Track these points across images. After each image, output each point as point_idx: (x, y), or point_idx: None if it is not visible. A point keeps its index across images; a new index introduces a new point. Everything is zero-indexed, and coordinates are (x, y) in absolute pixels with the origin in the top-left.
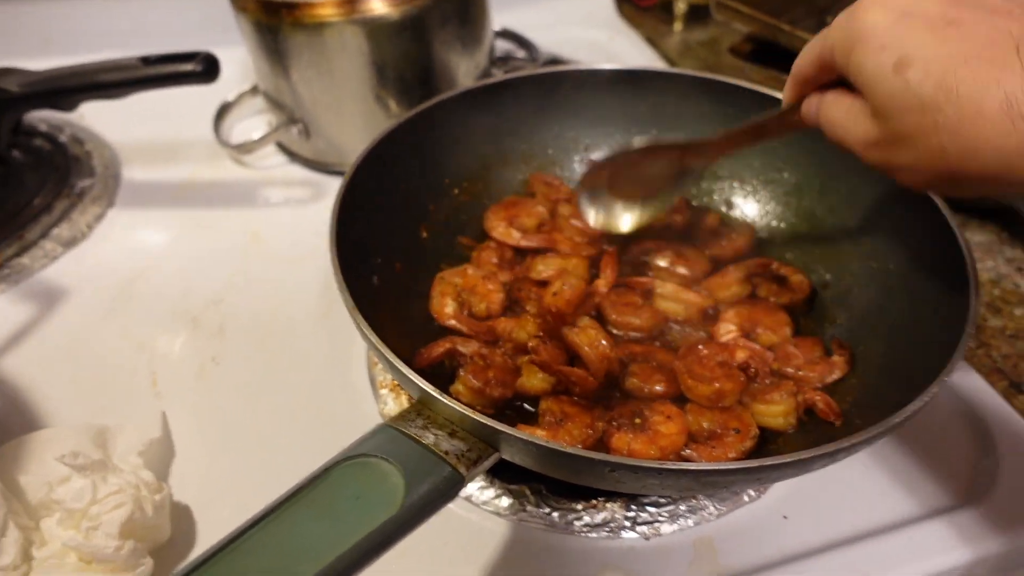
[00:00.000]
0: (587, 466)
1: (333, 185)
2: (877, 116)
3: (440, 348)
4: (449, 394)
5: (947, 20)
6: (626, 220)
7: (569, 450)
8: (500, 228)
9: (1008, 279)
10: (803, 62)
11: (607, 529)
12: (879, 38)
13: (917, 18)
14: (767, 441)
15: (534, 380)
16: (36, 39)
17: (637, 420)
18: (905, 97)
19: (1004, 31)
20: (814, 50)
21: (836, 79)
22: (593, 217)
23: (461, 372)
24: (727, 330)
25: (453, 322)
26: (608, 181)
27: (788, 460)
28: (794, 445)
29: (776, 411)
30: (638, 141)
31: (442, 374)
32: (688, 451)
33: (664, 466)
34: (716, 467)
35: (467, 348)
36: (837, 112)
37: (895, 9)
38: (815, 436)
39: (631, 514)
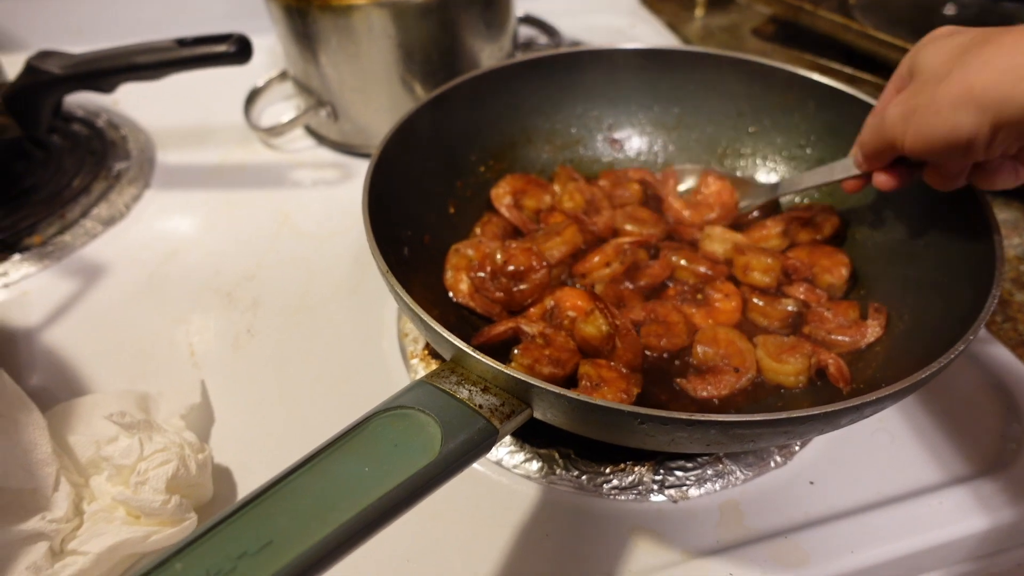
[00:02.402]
0: (617, 419)
1: (360, 167)
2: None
3: (502, 327)
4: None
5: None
6: None
7: (599, 402)
8: (506, 200)
9: None
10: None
11: (635, 492)
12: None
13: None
14: (772, 398)
15: (590, 327)
16: (68, 29)
17: (699, 296)
18: (948, 49)
19: None
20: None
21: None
22: None
23: (516, 350)
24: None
25: (466, 300)
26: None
27: (816, 413)
28: (799, 404)
29: (789, 370)
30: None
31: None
32: (683, 380)
33: (693, 417)
34: (744, 419)
35: (532, 328)
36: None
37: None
38: (823, 399)
39: (659, 477)
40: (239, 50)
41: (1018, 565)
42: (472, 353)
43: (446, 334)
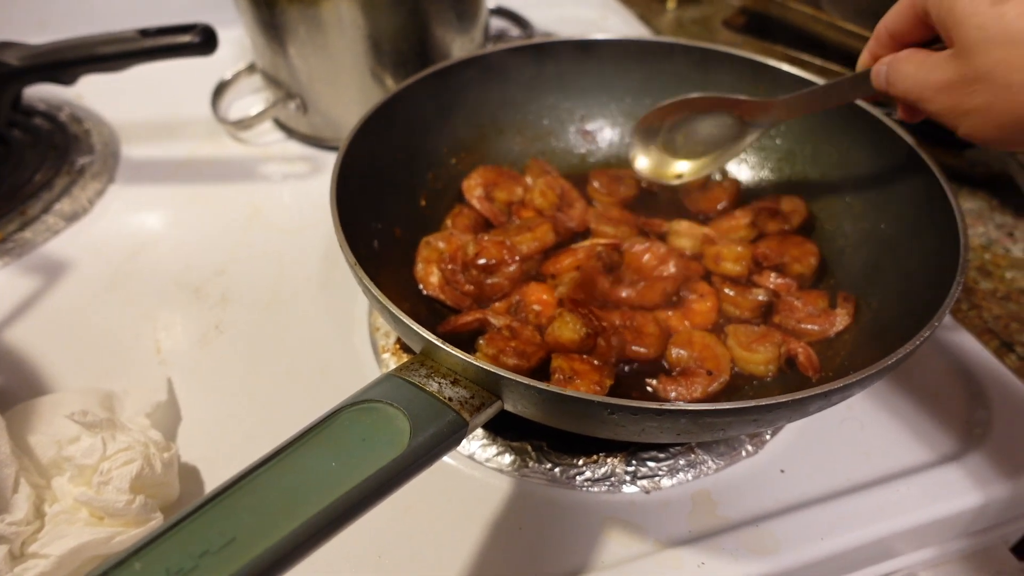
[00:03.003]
0: (587, 409)
1: (330, 160)
2: (959, 56)
3: (470, 317)
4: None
5: None
6: (675, 170)
7: (569, 393)
8: (477, 192)
9: (998, 244)
10: (892, 17)
11: (608, 483)
12: None
13: None
14: (742, 387)
15: (566, 330)
16: (31, 20)
17: (673, 299)
18: (997, 30)
19: None
20: (903, 3)
21: (922, 38)
22: (643, 163)
23: (481, 340)
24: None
25: (436, 292)
26: (664, 128)
27: (784, 400)
28: (769, 393)
29: (759, 359)
30: (698, 94)
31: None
32: (655, 382)
33: (663, 407)
34: (713, 407)
35: (498, 321)
36: (909, 66)
37: None
38: (793, 387)
39: (631, 468)
40: (203, 41)
41: (985, 548)
42: (442, 345)
43: (414, 326)
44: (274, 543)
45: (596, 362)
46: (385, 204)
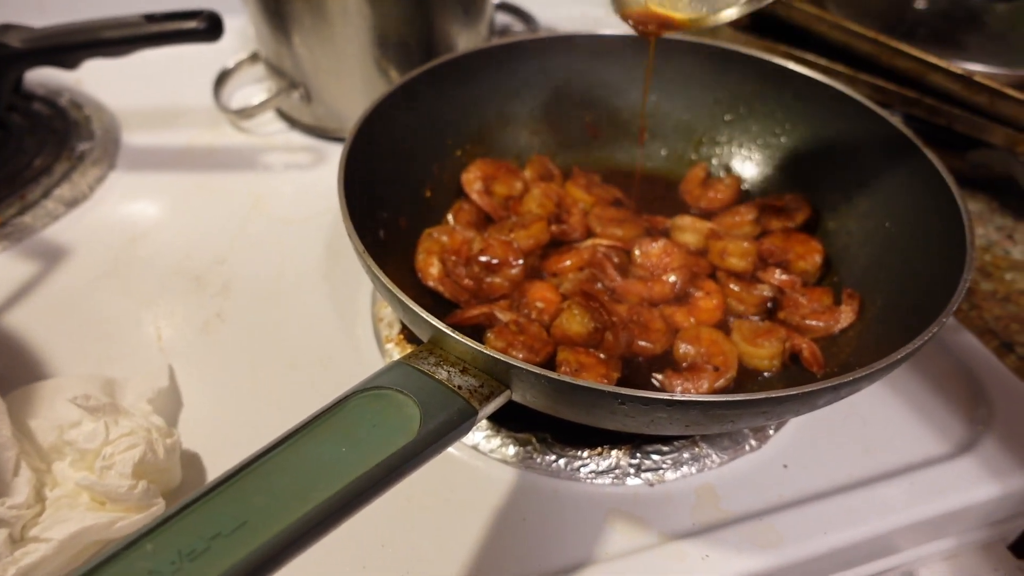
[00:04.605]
0: (597, 399)
1: (333, 151)
2: None
3: (476, 311)
4: None
5: None
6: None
7: (579, 382)
8: (476, 186)
9: (999, 245)
10: None
11: (612, 475)
12: None
13: None
14: (746, 383)
15: (574, 323)
16: (31, 3)
17: (680, 295)
18: None
19: None
20: None
21: None
22: None
23: (488, 334)
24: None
25: (436, 284)
26: None
27: (795, 393)
28: (773, 388)
29: (763, 354)
30: None
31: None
32: (661, 377)
33: (674, 397)
34: (724, 399)
35: (505, 316)
36: None
37: None
38: (797, 384)
39: (635, 461)
40: (209, 27)
41: (983, 546)
42: (452, 334)
43: (424, 314)
44: (285, 527)
45: (602, 356)
46: (390, 194)
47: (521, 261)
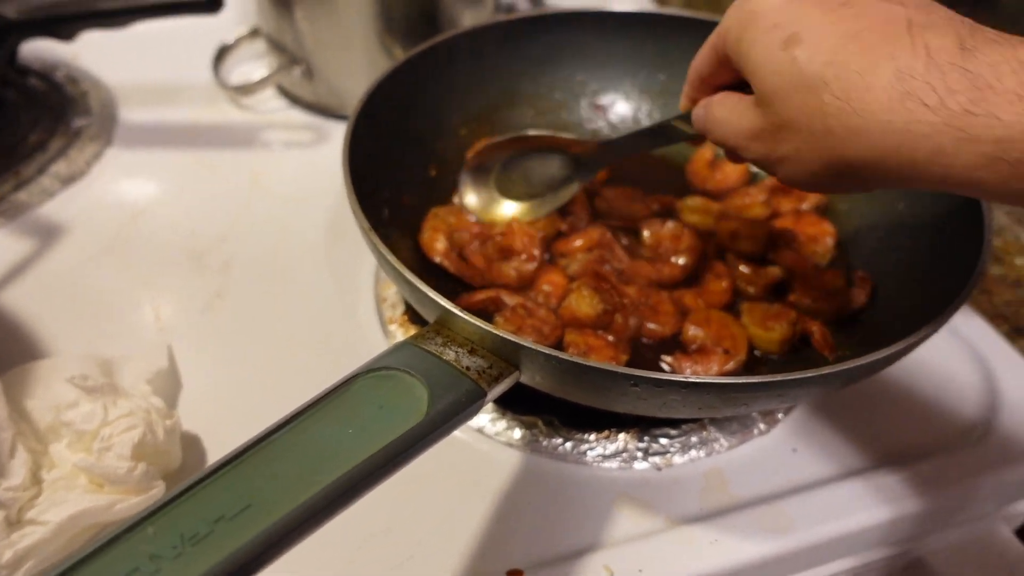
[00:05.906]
0: (609, 381)
1: (334, 129)
2: (761, 103)
3: (483, 295)
4: None
5: (840, 2)
6: (503, 211)
7: (591, 363)
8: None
9: (1009, 230)
10: (698, 60)
11: (620, 459)
12: (770, 18)
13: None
14: (755, 367)
15: (583, 305)
16: None
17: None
18: (791, 75)
19: (897, 12)
20: (708, 44)
21: (730, 80)
22: (473, 200)
23: (497, 318)
24: None
25: (441, 259)
26: (497, 166)
27: (812, 375)
28: (784, 371)
29: (774, 336)
30: (533, 131)
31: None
32: (670, 359)
33: (689, 379)
34: (740, 381)
35: (512, 299)
36: (722, 110)
37: None
38: (807, 367)
39: (643, 445)
40: (209, 0)
41: (989, 532)
42: (460, 314)
43: (431, 293)
44: (291, 510)
45: (611, 338)
46: (394, 172)
47: (536, 253)
